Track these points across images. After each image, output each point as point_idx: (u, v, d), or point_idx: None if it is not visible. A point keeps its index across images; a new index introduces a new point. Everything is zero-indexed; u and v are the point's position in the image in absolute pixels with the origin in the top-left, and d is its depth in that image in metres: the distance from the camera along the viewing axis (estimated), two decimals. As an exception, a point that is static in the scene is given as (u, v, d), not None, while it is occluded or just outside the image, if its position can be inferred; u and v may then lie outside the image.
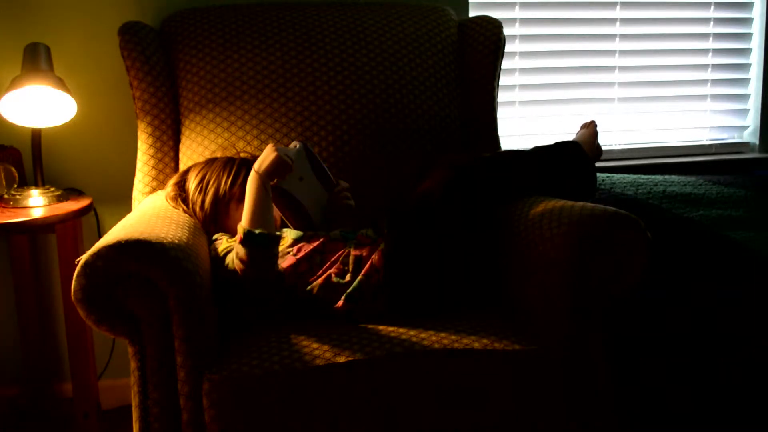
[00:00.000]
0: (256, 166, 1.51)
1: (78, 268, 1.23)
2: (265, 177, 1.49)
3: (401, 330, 1.37)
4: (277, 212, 1.64)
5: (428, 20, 2.03)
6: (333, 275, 1.47)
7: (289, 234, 1.58)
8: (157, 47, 1.86)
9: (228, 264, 1.46)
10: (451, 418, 1.33)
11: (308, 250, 1.52)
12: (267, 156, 1.52)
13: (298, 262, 1.50)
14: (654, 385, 1.85)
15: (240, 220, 1.46)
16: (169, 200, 1.66)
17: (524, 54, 2.38)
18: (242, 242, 1.40)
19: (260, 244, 1.40)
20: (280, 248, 1.53)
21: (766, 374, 1.81)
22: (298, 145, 1.63)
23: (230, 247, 1.49)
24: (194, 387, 1.27)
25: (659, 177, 2.18)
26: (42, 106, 1.83)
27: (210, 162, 1.70)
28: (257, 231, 1.40)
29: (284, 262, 1.50)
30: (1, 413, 2.07)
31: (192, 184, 1.66)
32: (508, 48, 2.10)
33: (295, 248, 1.53)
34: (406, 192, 1.77)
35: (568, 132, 2.35)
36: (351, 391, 1.28)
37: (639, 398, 1.87)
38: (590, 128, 1.90)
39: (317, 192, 1.67)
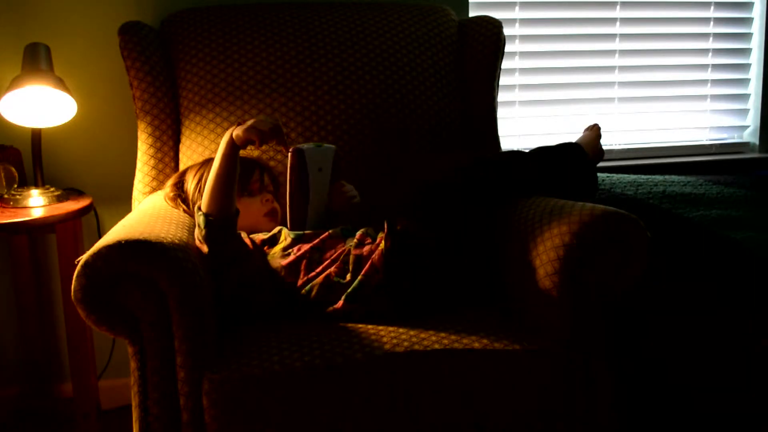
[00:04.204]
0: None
1: (78, 268, 1.23)
2: (233, 137, 1.45)
3: (401, 330, 1.37)
4: (278, 207, 1.69)
5: (428, 20, 2.03)
6: (333, 275, 1.47)
7: (290, 234, 1.58)
8: (157, 47, 1.86)
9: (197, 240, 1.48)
10: (450, 418, 1.33)
11: (307, 248, 1.52)
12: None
13: (298, 259, 1.50)
14: (654, 385, 1.86)
15: (240, 217, 1.48)
16: (168, 201, 1.67)
17: (524, 54, 2.38)
18: (199, 225, 1.43)
19: (211, 224, 1.42)
20: (280, 247, 1.54)
21: (766, 374, 1.81)
22: (334, 147, 1.68)
23: None
24: (194, 387, 1.27)
25: (659, 177, 2.18)
26: (42, 106, 1.83)
27: (207, 162, 1.70)
28: (210, 217, 1.42)
29: (284, 260, 1.50)
30: (1, 413, 2.07)
31: (191, 184, 1.66)
32: (508, 48, 2.10)
33: (296, 248, 1.53)
34: (406, 192, 1.77)
35: (568, 132, 2.35)
36: (351, 391, 1.28)
37: (639, 398, 1.87)
38: (593, 131, 1.91)
39: (323, 193, 1.66)
